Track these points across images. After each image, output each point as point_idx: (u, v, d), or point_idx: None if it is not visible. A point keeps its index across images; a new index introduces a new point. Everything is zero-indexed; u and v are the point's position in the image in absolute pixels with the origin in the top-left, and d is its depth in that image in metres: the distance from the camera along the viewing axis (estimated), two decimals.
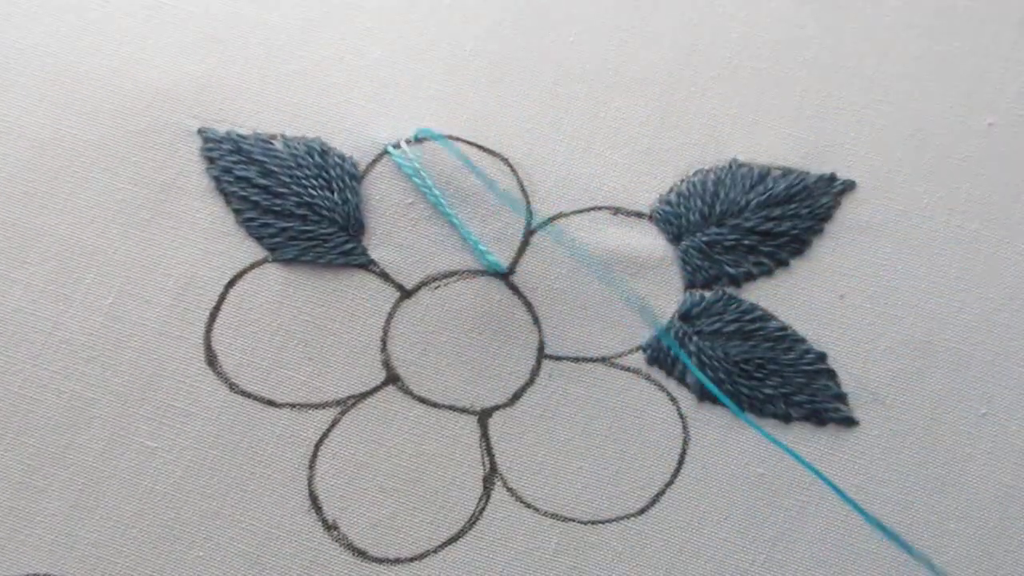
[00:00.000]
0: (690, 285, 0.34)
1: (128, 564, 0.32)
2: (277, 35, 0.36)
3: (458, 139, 0.35)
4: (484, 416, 0.32)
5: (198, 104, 0.35)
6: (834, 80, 0.36)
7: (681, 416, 0.32)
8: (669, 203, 0.34)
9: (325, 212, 0.34)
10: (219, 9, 0.36)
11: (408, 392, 0.33)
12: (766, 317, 0.33)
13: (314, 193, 0.34)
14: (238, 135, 0.35)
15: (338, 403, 0.33)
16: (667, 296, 0.33)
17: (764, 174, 0.34)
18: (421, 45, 0.36)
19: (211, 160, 0.34)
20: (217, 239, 0.34)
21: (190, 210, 0.34)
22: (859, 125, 0.35)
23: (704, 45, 0.36)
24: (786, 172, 0.35)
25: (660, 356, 0.33)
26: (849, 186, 0.34)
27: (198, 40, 0.36)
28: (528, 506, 0.32)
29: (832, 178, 0.34)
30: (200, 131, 0.35)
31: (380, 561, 0.32)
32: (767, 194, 0.34)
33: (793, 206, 0.34)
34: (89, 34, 0.36)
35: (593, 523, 0.31)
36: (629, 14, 0.36)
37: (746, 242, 0.34)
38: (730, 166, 0.35)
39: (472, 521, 0.32)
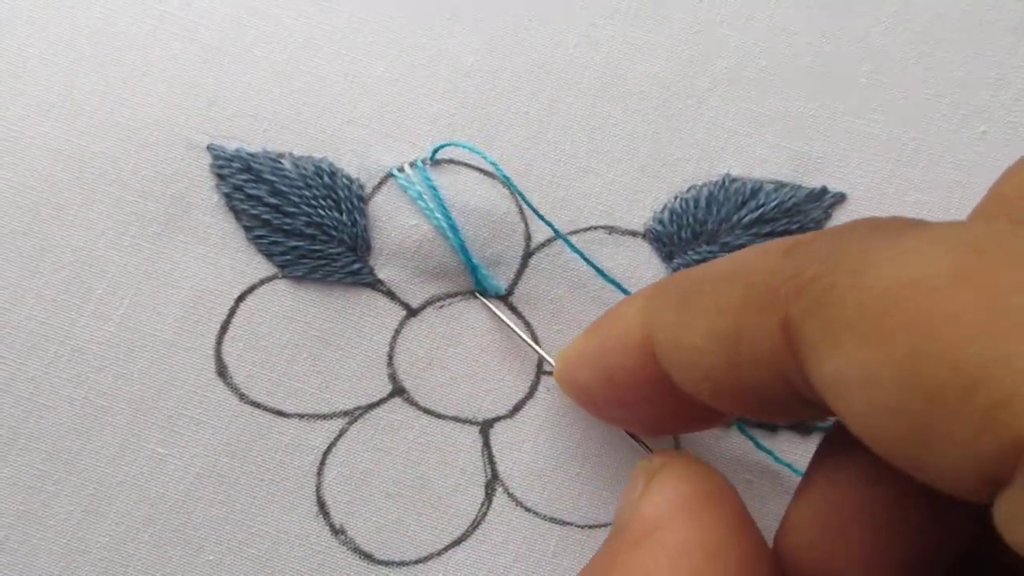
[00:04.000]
0: None
1: (139, 569, 0.32)
2: (280, 50, 0.37)
3: (459, 163, 0.36)
4: (486, 426, 0.35)
5: (206, 119, 0.36)
6: (828, 89, 0.36)
7: None
8: (662, 221, 0.35)
9: (334, 232, 0.35)
10: (223, 22, 0.37)
11: (414, 404, 0.35)
12: None
13: (323, 214, 0.36)
14: (248, 153, 0.36)
15: (346, 414, 0.34)
16: None
17: (756, 189, 0.35)
18: (422, 61, 0.37)
19: (221, 177, 0.36)
20: (228, 254, 0.35)
21: (201, 225, 0.35)
22: (851, 135, 0.36)
23: (701, 55, 0.37)
24: (778, 186, 0.35)
25: None
26: (839, 199, 0.35)
27: (203, 53, 0.36)
28: (528, 511, 0.34)
29: (823, 191, 0.35)
30: (210, 147, 0.36)
31: (386, 564, 0.33)
32: (759, 211, 0.35)
33: (783, 222, 0.35)
34: (96, 45, 0.36)
35: (590, 527, 0.34)
36: (627, 27, 0.37)
37: None
38: (723, 181, 0.36)
39: (474, 525, 0.34)
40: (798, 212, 0.35)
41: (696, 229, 0.35)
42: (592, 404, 0.31)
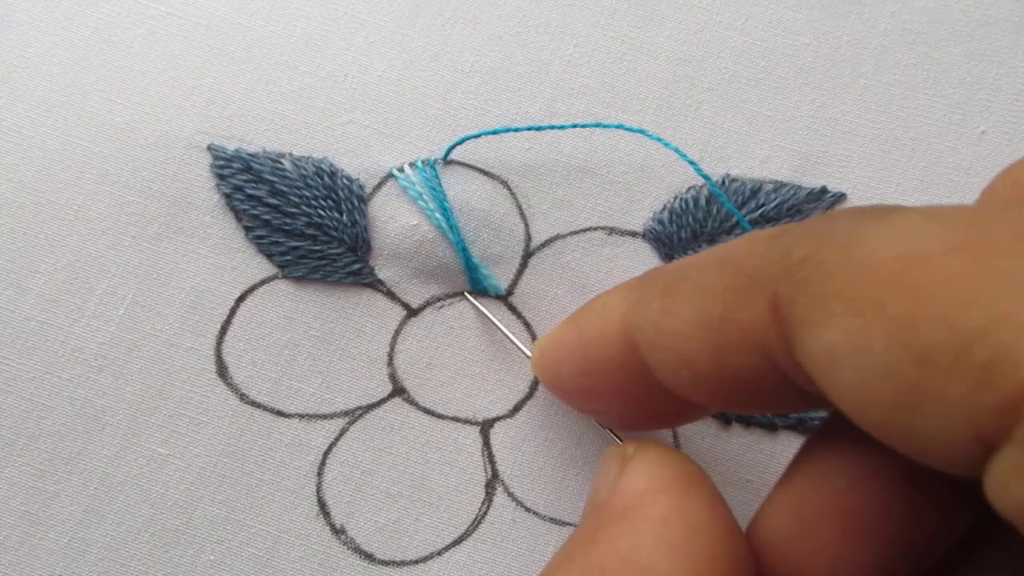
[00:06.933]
0: None
1: (139, 569, 0.33)
2: (280, 49, 0.37)
3: (459, 163, 0.36)
4: (486, 426, 0.35)
5: (206, 119, 0.36)
6: (828, 89, 0.36)
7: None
8: (661, 221, 0.36)
9: (334, 233, 0.35)
10: (223, 22, 0.37)
11: (414, 404, 0.35)
12: None
13: (323, 214, 0.36)
14: (248, 153, 0.36)
15: (346, 413, 0.34)
16: None
17: (756, 189, 0.35)
18: (422, 61, 0.37)
19: (221, 177, 0.36)
20: (228, 254, 0.35)
21: (201, 225, 0.35)
22: (851, 135, 0.36)
23: (700, 56, 0.37)
24: (778, 186, 0.35)
25: None
26: (839, 198, 0.35)
27: (204, 53, 0.36)
28: (528, 511, 0.34)
29: (823, 191, 0.35)
30: (210, 147, 0.36)
31: (386, 564, 0.33)
32: (759, 210, 0.35)
33: (784, 222, 0.35)
34: (96, 45, 0.36)
35: None
36: (627, 27, 0.37)
37: None
38: (723, 181, 0.36)
39: (475, 525, 0.34)
40: (798, 212, 0.35)
41: (695, 229, 0.36)
42: (568, 394, 0.31)
